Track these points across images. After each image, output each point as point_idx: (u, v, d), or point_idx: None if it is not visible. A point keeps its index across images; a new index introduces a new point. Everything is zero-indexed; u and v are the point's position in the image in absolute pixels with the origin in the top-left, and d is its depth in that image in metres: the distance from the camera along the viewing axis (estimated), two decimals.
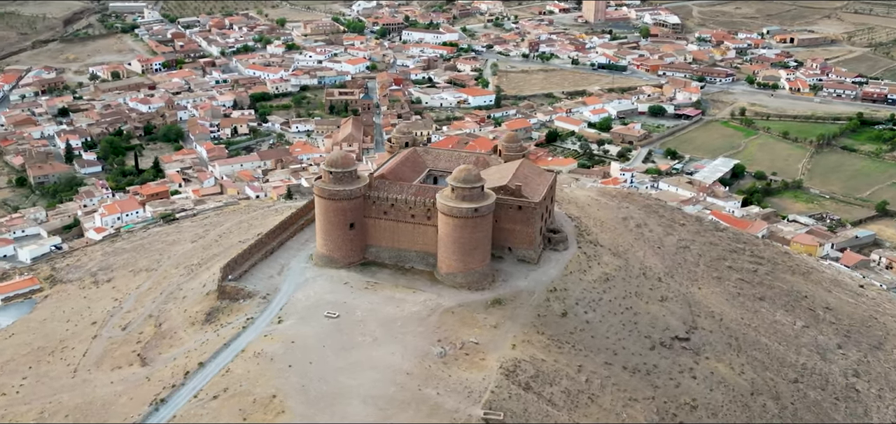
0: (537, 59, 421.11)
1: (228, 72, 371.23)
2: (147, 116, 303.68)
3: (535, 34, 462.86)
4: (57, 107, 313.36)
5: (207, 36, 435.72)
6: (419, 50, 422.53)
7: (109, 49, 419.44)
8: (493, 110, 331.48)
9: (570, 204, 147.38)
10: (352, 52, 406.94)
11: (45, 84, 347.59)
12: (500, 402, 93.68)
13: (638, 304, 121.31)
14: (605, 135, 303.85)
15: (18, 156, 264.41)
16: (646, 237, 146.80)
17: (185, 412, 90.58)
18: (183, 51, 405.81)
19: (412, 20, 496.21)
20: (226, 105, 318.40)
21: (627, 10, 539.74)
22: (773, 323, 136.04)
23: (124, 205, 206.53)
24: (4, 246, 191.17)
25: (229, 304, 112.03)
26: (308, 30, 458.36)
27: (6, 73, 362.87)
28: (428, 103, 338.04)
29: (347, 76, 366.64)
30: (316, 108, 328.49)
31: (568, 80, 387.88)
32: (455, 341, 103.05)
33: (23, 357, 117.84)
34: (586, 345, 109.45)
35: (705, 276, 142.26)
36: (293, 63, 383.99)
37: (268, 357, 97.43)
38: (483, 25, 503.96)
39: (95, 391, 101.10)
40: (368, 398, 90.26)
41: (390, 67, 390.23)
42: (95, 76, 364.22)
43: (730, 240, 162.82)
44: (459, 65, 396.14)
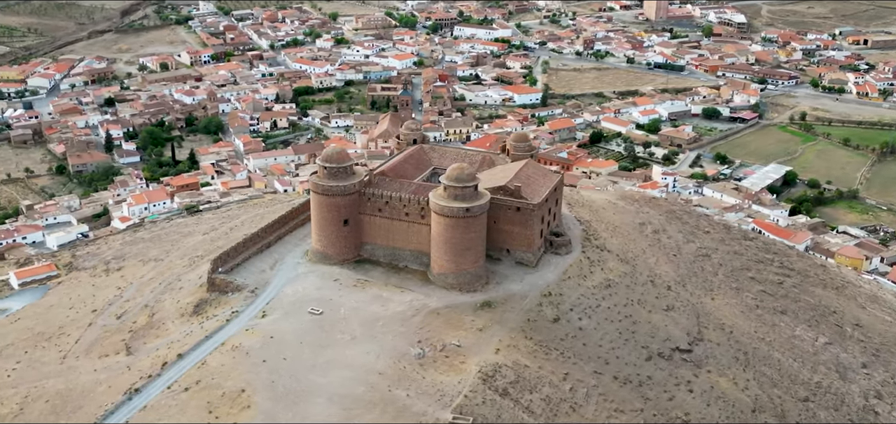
0: (591, 57, 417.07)
1: (275, 66, 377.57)
2: (189, 108, 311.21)
3: (591, 31, 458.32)
4: (103, 97, 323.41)
5: (259, 29, 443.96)
6: (470, 46, 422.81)
7: (162, 40, 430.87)
8: (538, 109, 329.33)
9: (582, 207, 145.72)
10: (400, 48, 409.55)
11: (94, 73, 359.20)
12: (473, 407, 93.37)
13: (639, 313, 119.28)
14: (652, 138, 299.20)
15: (61, 144, 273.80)
16: (662, 244, 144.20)
17: (155, 403, 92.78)
18: (233, 43, 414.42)
19: (466, 16, 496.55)
20: (268, 98, 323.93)
21: (691, 7, 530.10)
22: (790, 338, 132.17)
23: (152, 196, 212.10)
24: (34, 233, 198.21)
25: (218, 297, 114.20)
26: (359, 24, 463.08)
27: (59, 63, 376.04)
28: (472, 100, 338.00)
29: (393, 71, 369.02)
30: (358, 104, 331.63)
31: (621, 80, 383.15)
32: (436, 343, 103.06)
33: (22, 341, 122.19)
34: (576, 353, 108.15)
35: (722, 286, 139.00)
36: (340, 57, 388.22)
37: (244, 351, 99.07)
38: (539, 22, 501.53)
39: (79, 378, 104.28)
40: (335, 396, 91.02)
41: (438, 63, 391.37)
42: (144, 67, 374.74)
43: (758, 250, 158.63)
44: (509, 62, 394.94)
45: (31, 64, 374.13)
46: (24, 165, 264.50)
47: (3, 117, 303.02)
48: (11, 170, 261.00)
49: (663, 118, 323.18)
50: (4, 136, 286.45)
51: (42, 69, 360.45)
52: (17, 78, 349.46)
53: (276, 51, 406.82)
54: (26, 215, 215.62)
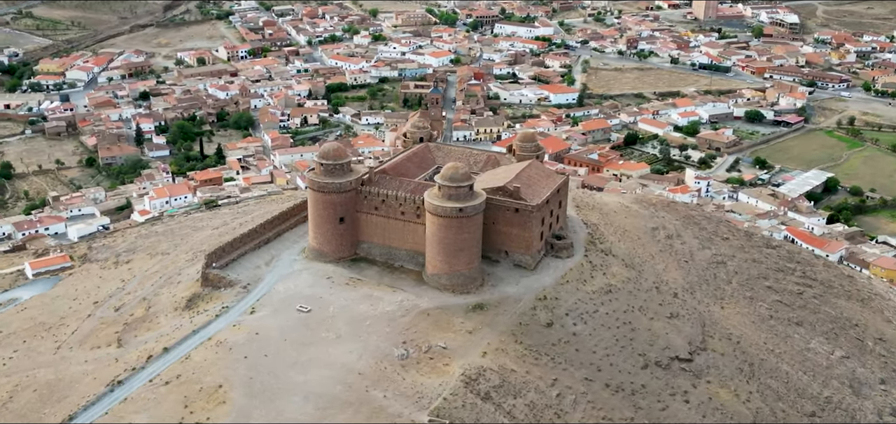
0: (633, 56, 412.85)
1: (311, 62, 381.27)
2: (222, 103, 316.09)
3: (635, 30, 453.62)
4: (138, 91, 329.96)
5: (297, 25, 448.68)
6: (509, 44, 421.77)
7: (201, 35, 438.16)
8: (574, 109, 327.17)
9: (591, 210, 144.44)
10: (437, 45, 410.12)
11: (132, 67, 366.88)
12: (451, 410, 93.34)
13: (639, 319, 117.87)
14: (690, 140, 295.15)
15: (93, 137, 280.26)
16: (674, 249, 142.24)
17: (135, 395, 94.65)
18: (271, 39, 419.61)
19: (508, 13, 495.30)
20: (300, 94, 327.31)
21: (743, 7, 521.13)
22: (803, 351, 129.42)
23: (173, 190, 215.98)
24: (56, 224, 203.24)
25: (211, 292, 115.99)
26: (399, 21, 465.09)
27: (98, 56, 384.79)
28: (506, 99, 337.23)
29: (429, 69, 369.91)
30: (391, 101, 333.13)
31: (663, 80, 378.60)
32: (421, 344, 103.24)
33: (24, 330, 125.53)
34: (568, 359, 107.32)
35: (735, 295, 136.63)
36: (376, 54, 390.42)
37: (227, 347, 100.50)
38: (583, 20, 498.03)
39: (69, 368, 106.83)
40: (311, 395, 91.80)
41: (475, 61, 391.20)
42: (181, 61, 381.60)
43: (780, 259, 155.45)
44: (548, 60, 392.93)
45: (72, 57, 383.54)
46: (56, 157, 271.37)
47: (40, 109, 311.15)
48: (43, 161, 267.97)
49: (703, 120, 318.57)
50: (39, 128, 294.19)
51: (81, 62, 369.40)
52: (56, 71, 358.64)
53: (313, 47, 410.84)
54: (52, 206, 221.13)
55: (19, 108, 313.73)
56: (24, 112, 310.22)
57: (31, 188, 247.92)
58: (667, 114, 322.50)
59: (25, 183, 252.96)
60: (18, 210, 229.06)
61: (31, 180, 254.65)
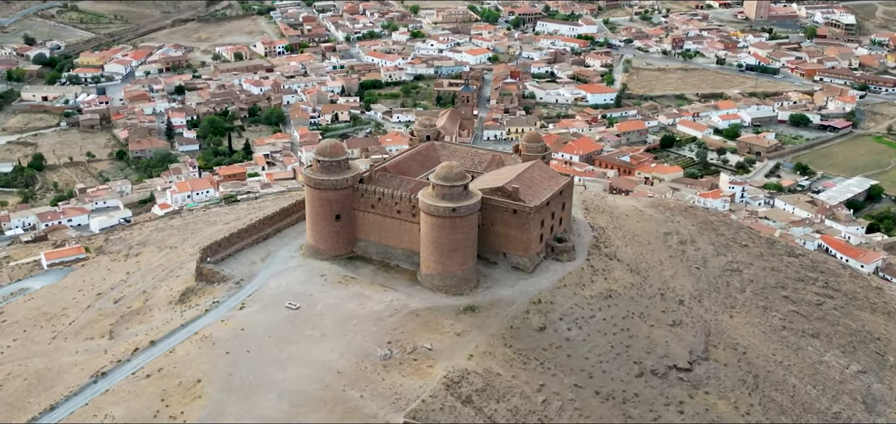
0: (678, 56, 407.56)
1: (348, 58, 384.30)
2: (254, 98, 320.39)
3: (682, 30, 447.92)
4: (173, 85, 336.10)
5: (337, 21, 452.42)
6: (550, 43, 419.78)
7: (241, 30, 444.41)
8: (611, 110, 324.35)
9: (602, 213, 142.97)
10: (476, 43, 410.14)
11: (170, 61, 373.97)
12: (429, 412, 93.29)
13: (639, 326, 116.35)
14: (730, 144, 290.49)
15: (125, 130, 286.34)
16: (686, 256, 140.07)
17: (117, 387, 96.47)
18: (309, 35, 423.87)
19: (552, 11, 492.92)
20: (333, 91, 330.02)
21: (797, 7, 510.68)
22: (815, 364, 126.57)
23: (196, 184, 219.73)
24: (79, 216, 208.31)
25: (204, 286, 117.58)
26: (439, 17, 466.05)
27: (138, 50, 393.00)
28: (542, 98, 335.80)
29: (465, 67, 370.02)
30: (425, 99, 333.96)
31: (707, 81, 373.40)
32: (406, 345, 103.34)
33: (26, 320, 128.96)
34: (558, 364, 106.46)
35: (747, 304, 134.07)
36: (413, 51, 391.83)
37: (211, 342, 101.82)
38: (629, 18, 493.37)
39: (60, 359, 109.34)
40: (286, 393, 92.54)
41: (513, 59, 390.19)
42: (218, 56, 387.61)
43: (801, 268, 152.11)
44: (589, 59, 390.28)
45: (112, 50, 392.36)
46: (88, 149, 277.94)
47: (76, 101, 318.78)
48: (75, 153, 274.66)
49: (745, 124, 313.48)
50: (74, 120, 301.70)
51: (120, 56, 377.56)
52: (96, 64, 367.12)
53: (350, 43, 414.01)
54: (78, 198, 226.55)
55: (56, 101, 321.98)
56: (61, 104, 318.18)
57: (61, 180, 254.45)
58: (707, 117, 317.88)
59: (56, 174, 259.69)
60: (47, 201, 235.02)
61: (62, 172, 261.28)
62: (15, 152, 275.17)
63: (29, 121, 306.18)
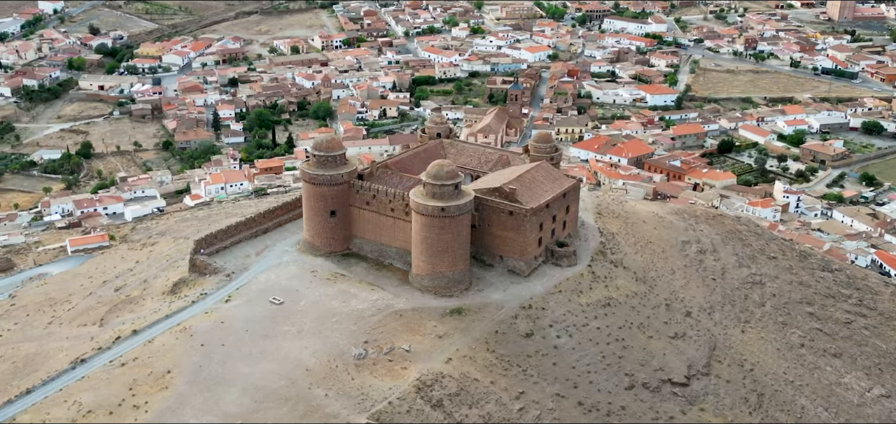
0: (750, 57, 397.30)
1: (404, 54, 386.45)
2: (304, 92, 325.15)
3: (757, 30, 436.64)
4: (227, 77, 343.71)
5: (398, 16, 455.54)
6: (615, 41, 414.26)
7: (302, 24, 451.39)
8: (670, 111, 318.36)
9: (616, 219, 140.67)
10: (536, 39, 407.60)
11: (227, 53, 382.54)
12: (394, 414, 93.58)
13: (635, 337, 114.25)
14: (793, 151, 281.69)
15: (174, 121, 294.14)
16: (704, 266, 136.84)
17: (92, 375, 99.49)
18: (368, 29, 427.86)
19: (621, 8, 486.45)
20: (385, 86, 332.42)
21: (885, 7, 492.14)
22: (832, 385, 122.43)
23: (230, 176, 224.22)
24: (115, 204, 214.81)
25: (196, 278, 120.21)
26: (503, 13, 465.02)
27: (197, 41, 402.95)
28: (599, 98, 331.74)
29: (523, 64, 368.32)
30: (477, 96, 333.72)
31: (778, 84, 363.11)
32: (383, 345, 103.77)
33: (33, 304, 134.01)
34: (542, 372, 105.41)
35: (764, 319, 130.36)
36: (471, 47, 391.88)
37: (189, 334, 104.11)
38: (703, 17, 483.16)
39: (50, 344, 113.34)
40: (250, 388, 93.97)
41: (574, 58, 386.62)
42: (274, 49, 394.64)
43: (835, 284, 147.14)
44: (654, 59, 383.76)
45: (172, 41, 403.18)
46: (137, 139, 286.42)
47: (130, 91, 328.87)
48: (124, 142, 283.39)
49: (812, 130, 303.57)
50: (127, 110, 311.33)
51: (179, 47, 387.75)
52: (155, 54, 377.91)
53: (409, 38, 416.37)
54: (118, 186, 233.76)
55: (111, 90, 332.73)
56: (116, 94, 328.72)
57: (106, 168, 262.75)
58: (772, 122, 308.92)
59: (102, 163, 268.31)
60: (89, 188, 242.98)
61: (108, 160, 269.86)
62: (66, 140, 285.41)
63: (83, 110, 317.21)
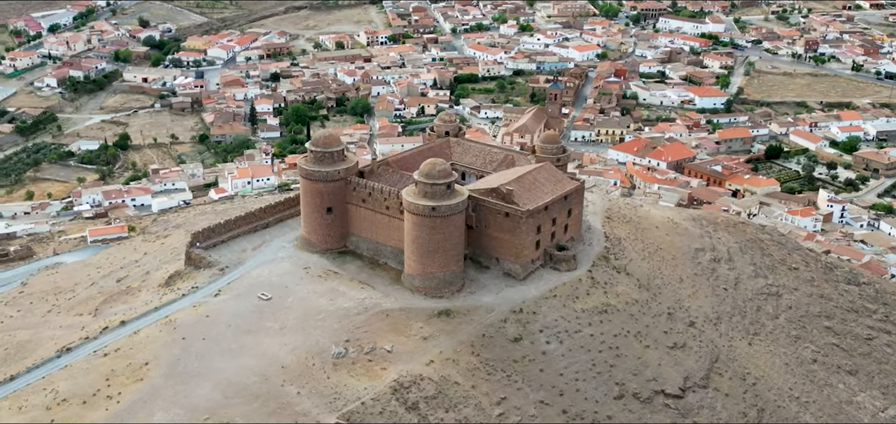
0: (810, 60, 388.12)
1: (449, 51, 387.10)
2: (344, 88, 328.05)
3: (819, 32, 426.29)
4: (269, 72, 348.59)
5: (447, 12, 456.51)
6: (668, 40, 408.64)
7: (350, 19, 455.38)
8: (719, 115, 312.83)
9: (626, 223, 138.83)
10: (586, 38, 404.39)
11: (271, 48, 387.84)
12: (366, 415, 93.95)
13: (630, 346, 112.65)
14: (846, 158, 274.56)
15: (213, 114, 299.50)
16: (716, 275, 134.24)
17: (74, 364, 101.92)
18: (415, 25, 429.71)
19: (679, 7, 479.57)
20: (425, 84, 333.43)
21: None
22: (843, 403, 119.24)
23: (256, 171, 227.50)
24: (143, 195, 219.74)
25: (191, 271, 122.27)
26: (555, 11, 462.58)
27: (243, 36, 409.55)
28: (645, 99, 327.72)
29: (570, 63, 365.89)
30: (520, 95, 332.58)
31: (837, 89, 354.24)
32: (365, 345, 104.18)
33: (40, 292, 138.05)
34: (527, 378, 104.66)
35: (776, 332, 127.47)
36: (517, 45, 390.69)
37: (173, 327, 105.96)
38: (764, 17, 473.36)
39: (44, 332, 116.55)
40: (223, 383, 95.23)
41: (623, 57, 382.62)
42: (318, 45, 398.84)
43: (860, 297, 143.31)
44: (708, 60, 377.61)
45: (219, 35, 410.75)
46: (176, 131, 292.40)
47: (173, 84, 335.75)
48: (162, 135, 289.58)
49: (868, 137, 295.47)
50: (167, 103, 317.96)
51: (225, 41, 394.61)
52: (201, 48, 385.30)
53: (456, 35, 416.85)
54: (149, 178, 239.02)
55: (154, 82, 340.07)
56: (158, 86, 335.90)
57: (141, 160, 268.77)
58: (826, 127, 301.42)
59: (138, 154, 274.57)
60: (122, 180, 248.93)
61: (144, 152, 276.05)
62: (105, 131, 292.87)
63: (126, 102, 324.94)
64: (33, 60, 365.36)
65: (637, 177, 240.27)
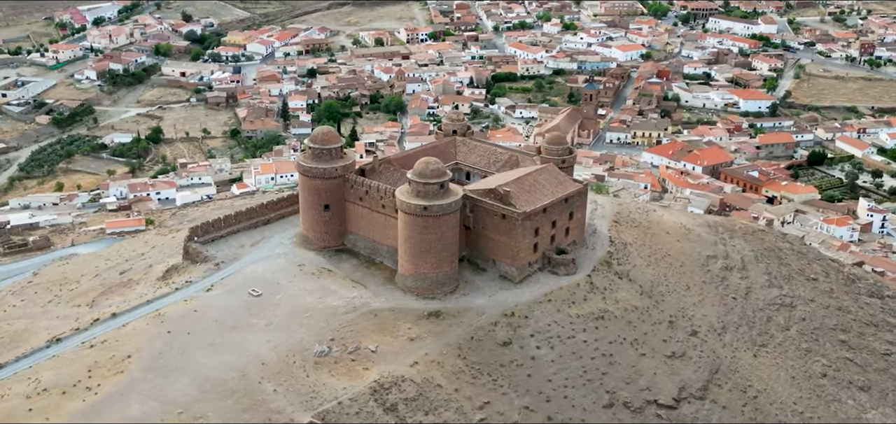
0: (865, 64, 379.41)
1: (489, 49, 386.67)
2: (379, 85, 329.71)
3: (878, 34, 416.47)
4: (305, 68, 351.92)
5: (490, 9, 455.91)
6: (717, 41, 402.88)
7: (392, 16, 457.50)
8: (763, 118, 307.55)
9: (634, 228, 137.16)
10: (631, 37, 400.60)
11: (311, 44, 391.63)
12: (342, 415, 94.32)
13: (626, 354, 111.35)
14: (893, 166, 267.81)
15: (246, 109, 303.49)
16: (726, 283, 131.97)
17: (62, 355, 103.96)
18: (458, 23, 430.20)
19: (731, 7, 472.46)
20: (462, 82, 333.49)
21: None
22: (851, 420, 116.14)
23: (280, 166, 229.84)
24: (168, 189, 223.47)
25: (188, 265, 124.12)
26: (602, 9, 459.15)
27: (284, 31, 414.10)
28: (688, 102, 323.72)
29: (612, 63, 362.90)
30: (558, 95, 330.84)
31: (891, 94, 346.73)
32: (349, 344, 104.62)
33: (48, 282, 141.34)
34: (514, 383, 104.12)
35: (785, 344, 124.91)
36: (559, 44, 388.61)
37: (160, 320, 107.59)
38: (820, 19, 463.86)
39: (41, 322, 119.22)
40: (200, 378, 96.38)
41: (669, 57, 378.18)
42: (357, 41, 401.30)
43: (882, 311, 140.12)
44: (756, 62, 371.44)
45: (260, 30, 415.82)
46: (209, 126, 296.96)
47: (209, 78, 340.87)
48: (194, 129, 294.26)
49: None
50: (203, 97, 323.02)
51: (265, 36, 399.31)
52: (240, 43, 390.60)
53: (498, 33, 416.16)
54: (176, 172, 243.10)
55: (192, 77, 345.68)
56: (195, 80, 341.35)
57: (172, 153, 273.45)
58: (875, 134, 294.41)
59: (170, 148, 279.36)
60: (151, 173, 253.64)
61: (176, 146, 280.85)
62: (140, 124, 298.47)
63: (162, 96, 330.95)
64: (75, 53, 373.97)
65: (669, 180, 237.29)
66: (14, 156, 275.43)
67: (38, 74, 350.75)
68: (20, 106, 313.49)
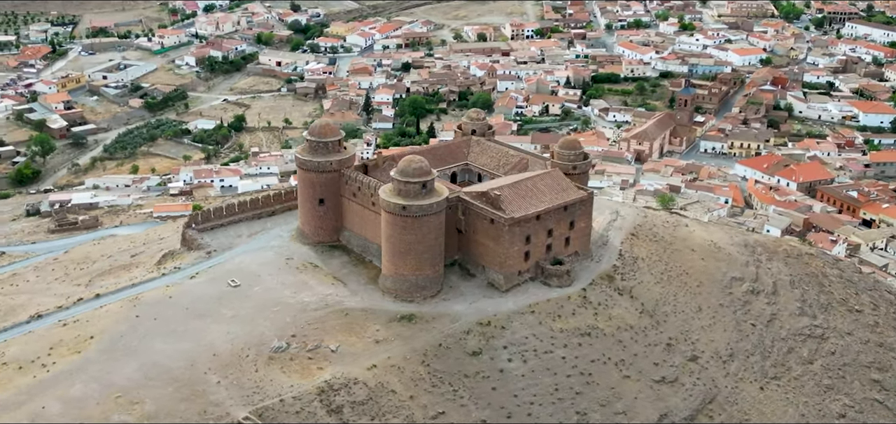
0: None
1: (596, 47, 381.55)
2: (471, 81, 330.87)
3: None
4: (400, 61, 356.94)
5: (605, 7, 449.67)
6: (849, 48, 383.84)
7: (502, 10, 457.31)
8: (884, 135, 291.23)
9: (653, 242, 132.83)
10: (752, 40, 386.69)
11: (411, 37, 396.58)
12: (281, 414, 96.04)
13: (607, 374, 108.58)
14: None
15: (332, 101, 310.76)
16: (748, 308, 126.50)
17: (36, 331, 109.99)
18: (569, 19, 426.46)
19: (874, 11, 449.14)
20: (558, 81, 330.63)
21: None
22: None
23: None
24: (231, 177, 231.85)
25: (183, 252, 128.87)
26: (728, 9, 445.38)
27: (387, 23, 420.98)
28: (801, 112, 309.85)
29: (726, 67, 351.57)
30: (659, 99, 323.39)
31: None
32: (310, 342, 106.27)
33: (70, 261, 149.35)
34: (476, 395, 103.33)
35: (803, 378, 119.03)
36: (672, 45, 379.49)
37: (134, 304, 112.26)
38: None
39: (38, 298, 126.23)
40: (148, 364, 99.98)
41: (791, 63, 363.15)
42: (459, 36, 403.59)
43: None
44: (890, 72, 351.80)
45: (363, 22, 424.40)
46: (293, 116, 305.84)
47: (303, 68, 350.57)
48: (277, 118, 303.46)
49: None
50: (293, 87, 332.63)
51: (367, 28, 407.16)
52: (341, 34, 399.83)
53: (610, 32, 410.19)
54: (247, 161, 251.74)
55: (287, 67, 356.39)
56: (289, 70, 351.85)
57: (251, 142, 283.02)
58: None
59: (250, 136, 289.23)
60: (226, 160, 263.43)
61: (256, 135, 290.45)
62: (226, 111, 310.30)
63: (255, 84, 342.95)
64: (180, 39, 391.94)
65: (755, 196, 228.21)
66: (102, 137, 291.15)
67: (142, 58, 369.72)
68: (117, 88, 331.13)
